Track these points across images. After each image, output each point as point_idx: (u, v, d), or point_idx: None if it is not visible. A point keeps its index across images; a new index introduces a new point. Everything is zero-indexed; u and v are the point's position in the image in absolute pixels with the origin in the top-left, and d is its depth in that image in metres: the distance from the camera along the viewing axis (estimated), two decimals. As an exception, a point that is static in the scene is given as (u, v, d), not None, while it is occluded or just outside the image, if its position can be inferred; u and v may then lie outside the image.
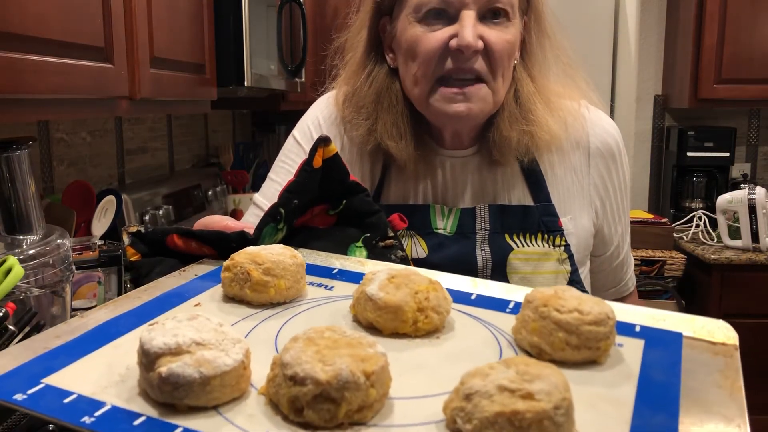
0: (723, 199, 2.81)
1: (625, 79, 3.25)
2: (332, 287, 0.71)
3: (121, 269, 1.56)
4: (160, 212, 2.06)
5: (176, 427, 0.44)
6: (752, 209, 2.71)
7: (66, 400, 0.46)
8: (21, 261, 0.90)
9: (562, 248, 0.99)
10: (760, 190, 2.74)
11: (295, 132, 1.10)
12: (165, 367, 0.46)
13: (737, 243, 2.79)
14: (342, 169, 0.82)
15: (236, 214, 2.68)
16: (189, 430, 0.44)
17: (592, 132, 1.04)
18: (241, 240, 0.74)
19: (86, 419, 0.43)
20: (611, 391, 0.50)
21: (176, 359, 0.47)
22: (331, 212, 0.84)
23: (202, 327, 0.50)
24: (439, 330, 0.61)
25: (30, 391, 0.46)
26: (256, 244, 0.74)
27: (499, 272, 0.99)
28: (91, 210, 1.66)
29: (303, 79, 2.50)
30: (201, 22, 1.70)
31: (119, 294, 1.48)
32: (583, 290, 1.02)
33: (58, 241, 1.03)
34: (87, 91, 1.16)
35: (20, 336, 0.83)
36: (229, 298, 0.67)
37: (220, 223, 0.80)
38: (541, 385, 0.43)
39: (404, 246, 0.98)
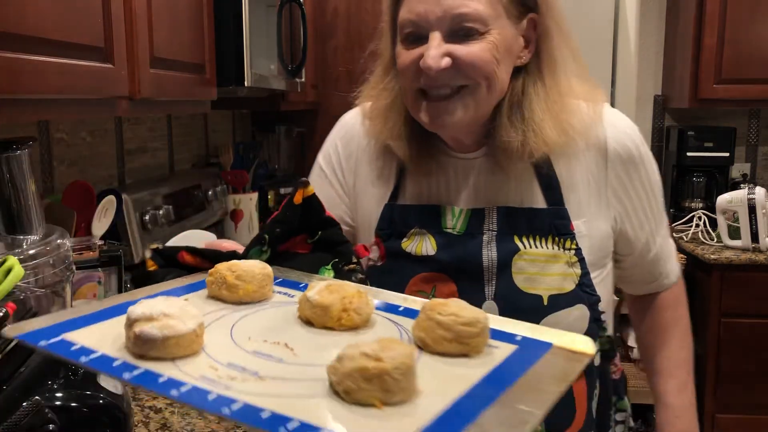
0: (723, 199, 2.81)
1: (625, 79, 3.25)
2: (294, 296, 0.88)
3: (121, 269, 1.57)
4: (160, 212, 2.05)
5: (139, 368, 0.63)
6: (752, 209, 2.71)
7: (73, 348, 0.68)
8: (21, 261, 0.90)
9: (573, 251, 1.00)
10: (759, 190, 2.75)
11: (320, 158, 1.20)
12: (138, 328, 0.65)
13: (737, 243, 2.79)
14: (318, 206, 0.98)
15: (236, 214, 2.69)
16: (149, 371, 0.63)
17: (610, 134, 1.03)
18: (233, 258, 0.90)
19: (83, 359, 0.65)
20: (467, 371, 0.64)
21: (148, 323, 0.65)
22: (309, 241, 1.00)
23: (172, 304, 0.69)
24: (360, 327, 0.76)
25: (51, 341, 0.68)
26: None
27: (505, 272, 1.01)
28: (91, 210, 1.66)
29: (303, 79, 2.49)
30: (201, 22, 1.70)
31: (119, 293, 1.48)
32: (593, 295, 1.02)
33: (58, 241, 1.03)
34: (87, 91, 1.16)
35: (20, 336, 0.83)
36: (211, 297, 0.86)
37: (220, 244, 0.98)
38: (390, 353, 0.58)
39: (408, 243, 1.08)
